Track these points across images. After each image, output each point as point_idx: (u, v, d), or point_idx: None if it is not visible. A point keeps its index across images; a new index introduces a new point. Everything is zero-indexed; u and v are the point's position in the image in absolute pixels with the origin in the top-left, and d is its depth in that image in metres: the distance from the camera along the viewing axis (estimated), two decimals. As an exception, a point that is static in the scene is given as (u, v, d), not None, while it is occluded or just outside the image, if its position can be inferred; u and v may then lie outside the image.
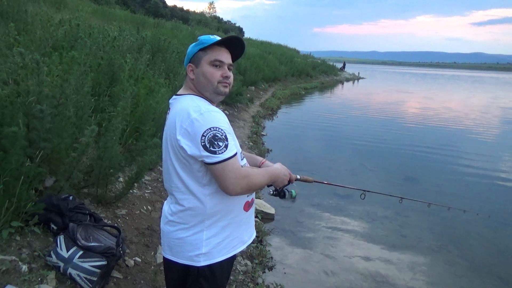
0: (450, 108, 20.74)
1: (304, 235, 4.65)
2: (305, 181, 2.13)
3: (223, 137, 1.58)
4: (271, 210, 4.85)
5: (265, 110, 13.55)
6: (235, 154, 1.62)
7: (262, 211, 4.75)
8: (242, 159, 1.82)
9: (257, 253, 3.77)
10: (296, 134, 11.34)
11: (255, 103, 14.16)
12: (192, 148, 1.59)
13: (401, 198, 2.72)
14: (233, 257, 1.84)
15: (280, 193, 2.02)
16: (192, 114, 1.60)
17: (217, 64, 1.71)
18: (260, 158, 2.05)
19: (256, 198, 4.95)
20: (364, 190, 2.47)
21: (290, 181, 1.97)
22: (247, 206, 1.84)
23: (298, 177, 2.05)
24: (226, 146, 1.58)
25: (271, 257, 3.88)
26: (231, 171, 1.58)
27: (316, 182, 2.20)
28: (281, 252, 4.12)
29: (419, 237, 4.93)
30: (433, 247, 4.71)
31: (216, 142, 1.56)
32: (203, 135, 1.56)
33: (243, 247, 1.86)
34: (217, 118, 1.63)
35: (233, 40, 1.77)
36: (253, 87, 17.28)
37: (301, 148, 9.65)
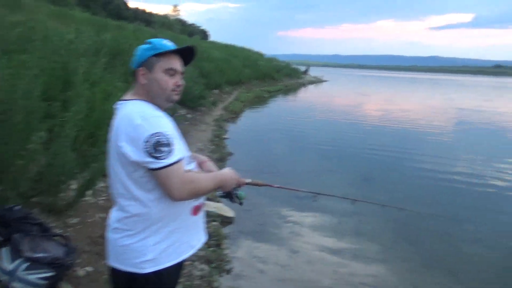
0: (409, 110, 21.54)
1: (263, 238, 4.69)
2: (256, 184, 2.16)
3: (167, 142, 1.59)
4: (230, 213, 4.87)
5: (228, 113, 13.56)
6: (180, 160, 1.63)
7: (221, 214, 4.75)
8: (189, 164, 1.83)
9: (215, 257, 3.77)
10: (259, 137, 11.42)
11: (218, 107, 14.13)
12: (135, 154, 1.58)
13: (354, 200, 2.80)
14: (181, 263, 1.84)
15: (228, 196, 2.05)
16: (136, 120, 1.60)
17: (172, 72, 1.73)
18: (202, 158, 2.08)
19: (215, 202, 4.95)
20: (315, 193, 2.54)
21: (239, 185, 2.00)
22: (196, 211, 1.84)
23: (248, 181, 2.08)
24: (170, 152, 1.59)
25: (229, 261, 3.89)
26: (175, 176, 1.59)
27: (267, 185, 2.24)
28: (240, 255, 4.13)
29: (375, 237, 5.08)
30: (388, 245, 4.87)
31: (159, 148, 1.57)
32: (146, 141, 1.56)
33: (191, 252, 1.86)
34: (161, 124, 1.64)
35: (189, 50, 1.79)
36: (216, 90, 17.26)
37: (264, 151, 9.73)
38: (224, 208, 4.86)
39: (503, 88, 56.02)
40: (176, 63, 1.75)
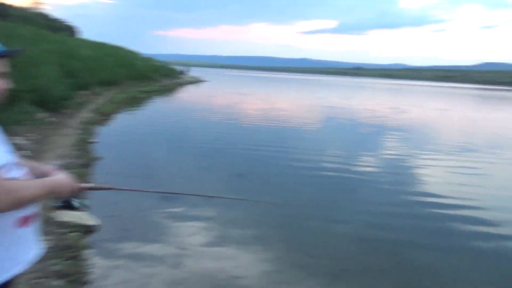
0: (283, 108, 23.00)
1: (129, 245, 4.47)
2: (99, 189, 2.07)
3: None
4: (92, 222, 4.56)
5: (99, 115, 12.72)
6: (-4, 167, 1.47)
7: (81, 224, 4.41)
8: (15, 170, 1.66)
9: (72, 270, 3.50)
10: (134, 139, 10.98)
11: (87, 108, 13.17)
12: None
13: (210, 196, 2.86)
14: (9, 282, 1.66)
15: (66, 204, 1.93)
16: None
17: (3, 76, 1.61)
18: (46, 167, 1.92)
19: (75, 210, 4.60)
20: (167, 193, 2.54)
21: (77, 191, 1.89)
22: (23, 222, 1.68)
23: (88, 185, 1.98)
24: (-20, 159, 1.42)
25: (90, 272, 3.64)
26: (-11, 186, 1.43)
27: (112, 189, 2.15)
28: (103, 265, 3.90)
29: (245, 230, 5.29)
30: (259, 238, 5.09)
31: (-34, 155, 1.40)
32: None
33: (20, 268, 1.69)
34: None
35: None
36: (86, 91, 16.07)
37: (139, 154, 9.36)
38: (84, 217, 4.53)
39: (360, 88, 63.54)
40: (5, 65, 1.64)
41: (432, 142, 13.93)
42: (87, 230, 4.41)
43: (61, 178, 1.79)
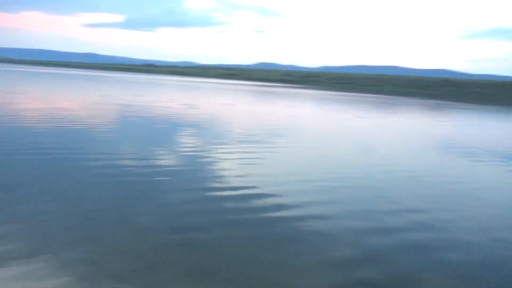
0: (69, 108, 20.76)
1: None
2: None
3: None
4: None
5: None
6: None
7: None
8: None
9: None
10: None
11: None
12: None
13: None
14: None
15: None
16: None
17: None
18: None
19: None
20: None
21: None
22: None
23: None
24: None
25: None
26: None
27: None
28: None
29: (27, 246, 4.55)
30: (63, 259, 4.45)
31: None
32: None
33: None
34: None
35: None
36: None
37: None
38: None
39: (153, 85, 63.49)
40: None
41: (221, 136, 15.06)
42: None
43: None
